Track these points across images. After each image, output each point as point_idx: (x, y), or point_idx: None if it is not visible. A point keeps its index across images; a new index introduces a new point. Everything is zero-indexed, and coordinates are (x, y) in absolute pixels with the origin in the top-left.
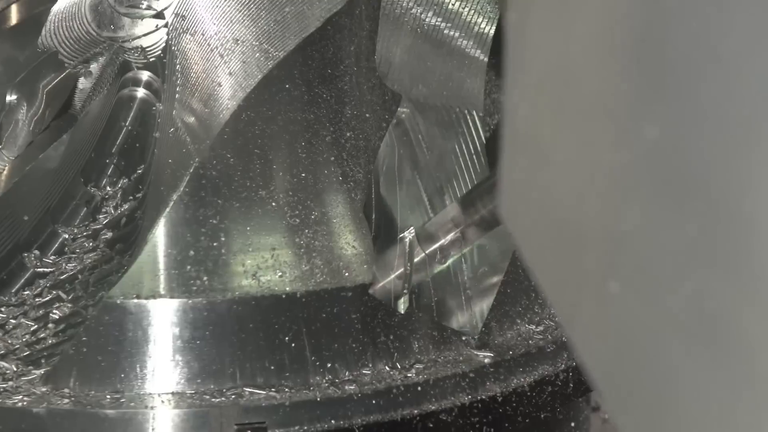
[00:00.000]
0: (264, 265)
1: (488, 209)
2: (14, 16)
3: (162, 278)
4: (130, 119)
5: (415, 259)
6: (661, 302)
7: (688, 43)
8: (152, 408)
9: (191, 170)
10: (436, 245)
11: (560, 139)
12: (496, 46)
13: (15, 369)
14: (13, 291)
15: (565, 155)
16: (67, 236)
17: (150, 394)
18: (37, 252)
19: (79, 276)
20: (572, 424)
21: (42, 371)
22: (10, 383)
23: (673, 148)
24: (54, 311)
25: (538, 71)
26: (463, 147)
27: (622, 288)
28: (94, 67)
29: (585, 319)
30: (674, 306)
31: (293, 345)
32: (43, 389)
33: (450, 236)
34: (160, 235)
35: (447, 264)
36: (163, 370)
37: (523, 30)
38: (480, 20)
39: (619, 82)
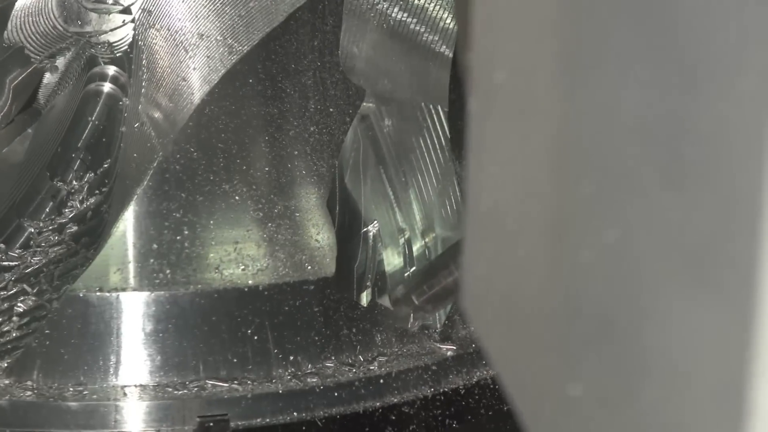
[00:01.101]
0: (227, 258)
1: (452, 279)
2: None
3: (125, 271)
4: (96, 114)
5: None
6: (622, 411)
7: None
8: (115, 400)
9: (155, 164)
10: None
11: (522, 234)
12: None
13: None
14: None
15: (528, 250)
16: (32, 230)
17: (113, 386)
18: (2, 246)
19: (44, 269)
20: None
21: (5, 364)
22: None
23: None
24: (18, 304)
25: (499, 165)
26: (428, 141)
27: (583, 393)
28: (60, 61)
29: (545, 421)
30: (634, 416)
31: (256, 338)
32: (6, 381)
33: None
34: (123, 228)
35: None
36: (126, 363)
37: (484, 127)
38: (445, 15)
39: (573, 188)
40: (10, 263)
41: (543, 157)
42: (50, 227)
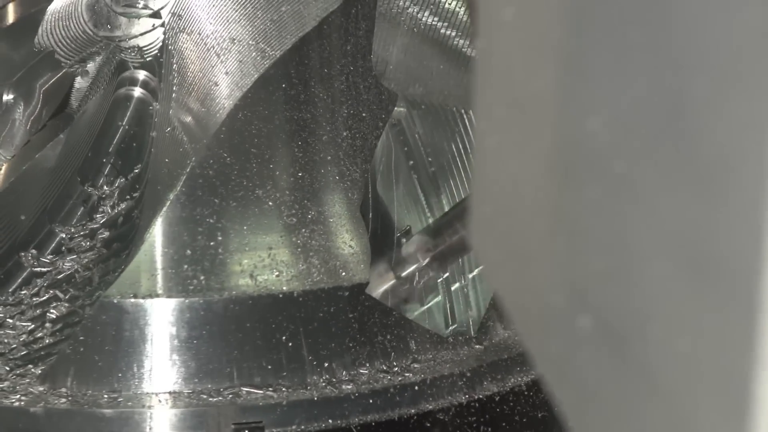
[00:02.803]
0: (261, 264)
1: (459, 236)
2: (11, 15)
3: (159, 277)
4: (127, 118)
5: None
6: (629, 345)
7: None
8: (150, 407)
9: (188, 169)
10: (413, 268)
11: (528, 171)
12: None
13: (12, 369)
14: (10, 290)
15: (534, 187)
16: (64, 236)
17: (147, 393)
18: (34, 251)
19: (76, 275)
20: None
21: (39, 370)
22: (7, 383)
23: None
24: (51, 311)
25: (505, 103)
26: (459, 145)
27: (592, 325)
28: (90, 66)
29: (554, 355)
30: (642, 352)
31: (290, 344)
32: (41, 389)
33: (428, 259)
34: (157, 234)
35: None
36: (160, 370)
37: (489, 67)
38: None
39: (580, 126)
40: (42, 269)
41: (549, 95)
42: (82, 233)
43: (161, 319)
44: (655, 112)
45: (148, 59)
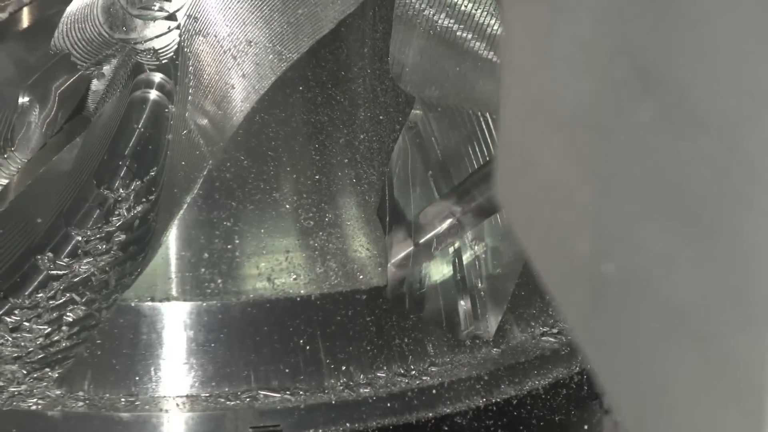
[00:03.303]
0: (278, 267)
1: (485, 196)
2: (26, 18)
3: (176, 281)
4: (142, 121)
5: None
6: (655, 293)
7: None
8: (167, 411)
9: (204, 172)
10: (431, 234)
11: (556, 121)
12: None
13: (29, 372)
14: (26, 293)
15: (562, 138)
16: (80, 238)
17: (164, 397)
18: (50, 254)
19: (93, 278)
20: (585, 427)
21: (56, 374)
22: (24, 386)
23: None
24: (68, 314)
25: (530, 67)
26: (476, 148)
27: (616, 272)
28: (106, 69)
29: (580, 303)
30: (667, 295)
31: (308, 348)
32: (58, 392)
33: (446, 224)
34: (173, 237)
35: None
36: (177, 373)
37: (517, 18)
38: (492, 22)
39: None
40: (58, 272)
41: (579, 44)
42: (98, 235)
43: (178, 322)
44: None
45: (163, 62)
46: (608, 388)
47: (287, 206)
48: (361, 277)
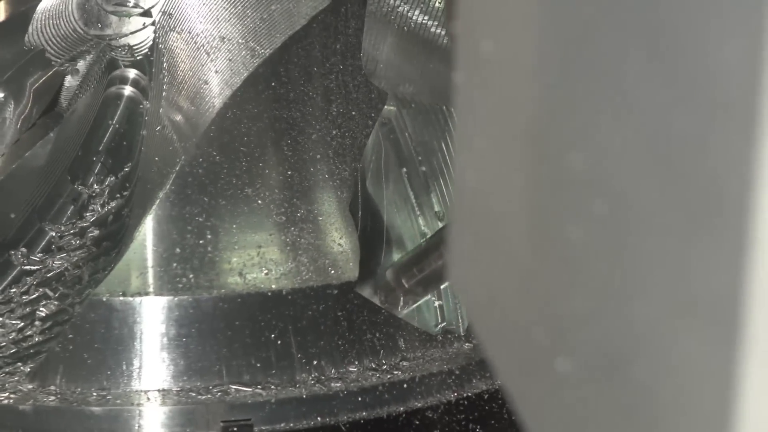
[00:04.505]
0: (250, 262)
1: (443, 261)
2: (1, 13)
3: (148, 276)
4: (117, 117)
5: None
6: (612, 385)
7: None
8: (139, 405)
9: (177, 168)
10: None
11: (508, 210)
12: None
13: (1, 366)
14: (0, 289)
15: (513, 227)
16: (54, 234)
17: (136, 391)
18: (24, 250)
19: (66, 273)
20: None
21: (28, 368)
22: None
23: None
24: (41, 309)
25: (484, 141)
26: (449, 144)
27: (573, 367)
28: (81, 65)
29: (535, 395)
30: (625, 390)
31: (279, 342)
32: (30, 386)
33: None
34: (146, 232)
35: None
36: (149, 368)
37: (470, 101)
38: None
39: (559, 163)
40: (32, 267)
41: (527, 133)
42: (72, 231)
43: (150, 317)
44: (639, 150)
45: (138, 58)
46: None
47: (259, 202)
48: (332, 272)
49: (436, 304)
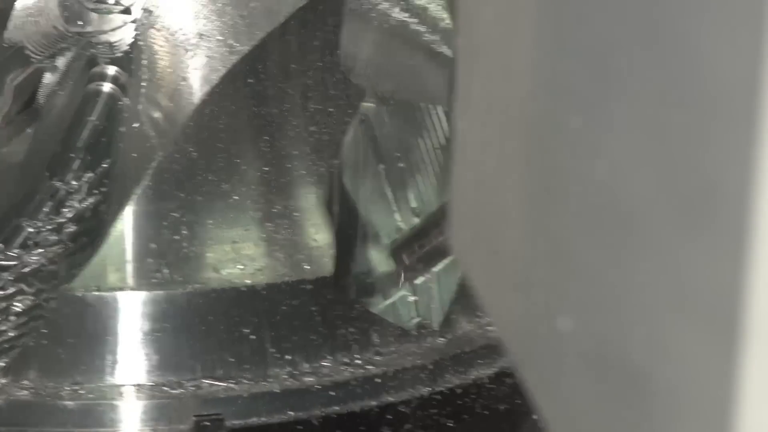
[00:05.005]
0: (225, 258)
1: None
2: None
3: (123, 271)
4: (96, 113)
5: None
6: (610, 346)
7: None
8: (112, 400)
9: (154, 164)
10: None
11: (507, 177)
12: None
13: None
14: None
15: (512, 193)
16: (31, 230)
17: (110, 385)
18: (0, 245)
19: (42, 269)
20: (534, 417)
21: (2, 363)
22: None
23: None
24: (16, 304)
25: (483, 111)
26: (428, 142)
27: (574, 326)
28: (60, 61)
29: (534, 357)
30: (624, 357)
31: (253, 337)
32: (3, 381)
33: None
34: (121, 228)
35: None
36: (122, 362)
37: (470, 75)
38: (446, 16)
39: (557, 127)
40: (8, 263)
41: (526, 100)
42: (49, 227)
43: (124, 312)
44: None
45: (118, 55)
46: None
47: (235, 197)
48: (307, 267)
49: (411, 299)
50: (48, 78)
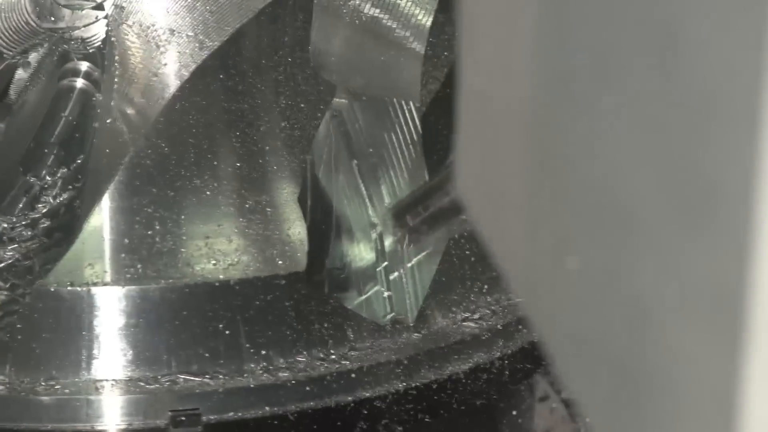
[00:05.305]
0: (198, 253)
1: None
2: None
3: (96, 266)
4: (69, 109)
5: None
6: (618, 287)
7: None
8: (87, 394)
9: (126, 159)
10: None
11: (512, 116)
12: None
13: None
14: None
15: (517, 132)
16: (5, 225)
17: (85, 380)
18: None
19: (17, 265)
20: (514, 413)
21: None
22: None
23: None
24: None
25: (488, 49)
26: (400, 137)
27: (580, 265)
28: (32, 57)
29: (543, 296)
30: (630, 290)
31: (228, 332)
32: None
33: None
34: (94, 223)
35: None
36: (97, 357)
37: (474, 14)
38: (418, 12)
39: (561, 67)
40: None
41: (530, 39)
42: (23, 222)
43: (99, 307)
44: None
45: (90, 51)
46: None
47: (208, 192)
48: (280, 262)
49: (385, 294)
50: (20, 74)
